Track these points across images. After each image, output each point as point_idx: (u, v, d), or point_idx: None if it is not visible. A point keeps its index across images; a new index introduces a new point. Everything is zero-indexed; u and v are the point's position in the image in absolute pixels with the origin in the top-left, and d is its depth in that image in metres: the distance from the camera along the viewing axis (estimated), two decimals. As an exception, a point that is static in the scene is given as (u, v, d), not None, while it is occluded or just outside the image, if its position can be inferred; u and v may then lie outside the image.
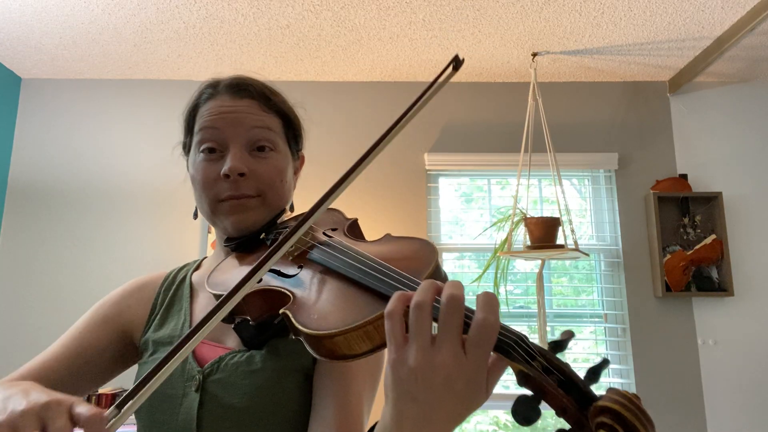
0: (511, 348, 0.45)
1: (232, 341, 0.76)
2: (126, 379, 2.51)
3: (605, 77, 2.93)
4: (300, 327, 0.54)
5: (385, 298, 0.52)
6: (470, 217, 2.95)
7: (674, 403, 2.60)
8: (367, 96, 2.97)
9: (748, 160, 2.85)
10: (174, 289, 0.88)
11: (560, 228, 2.42)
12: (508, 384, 2.70)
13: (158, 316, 0.85)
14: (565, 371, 0.43)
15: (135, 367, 0.84)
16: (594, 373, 0.43)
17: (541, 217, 2.46)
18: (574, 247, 2.35)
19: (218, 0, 2.26)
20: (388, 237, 0.68)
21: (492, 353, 0.46)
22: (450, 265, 2.87)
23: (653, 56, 2.70)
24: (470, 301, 0.47)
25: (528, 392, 0.44)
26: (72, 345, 0.81)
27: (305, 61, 2.77)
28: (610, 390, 0.41)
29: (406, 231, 2.77)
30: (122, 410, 0.49)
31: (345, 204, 0.78)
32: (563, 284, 2.98)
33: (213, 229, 3.18)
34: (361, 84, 2.98)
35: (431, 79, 0.63)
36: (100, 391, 2.40)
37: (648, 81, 2.95)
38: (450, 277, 0.55)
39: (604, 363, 0.44)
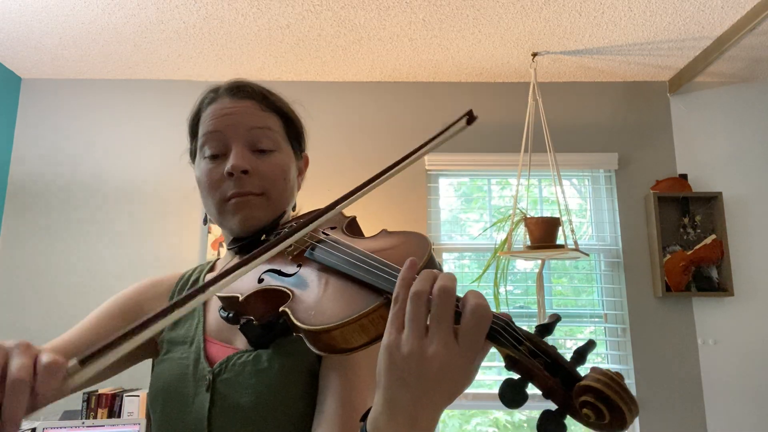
0: (499, 334, 0.45)
1: (241, 342, 0.77)
2: (126, 379, 2.51)
3: (605, 77, 2.93)
4: (298, 323, 0.55)
5: (380, 292, 0.53)
6: (470, 217, 2.95)
7: (674, 403, 2.60)
8: (367, 96, 2.96)
9: (748, 160, 2.85)
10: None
11: (560, 228, 2.41)
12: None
13: None
14: (551, 354, 0.44)
15: (135, 367, 0.84)
16: (580, 354, 0.44)
17: (541, 217, 2.46)
18: (574, 247, 2.35)
19: (218, 0, 2.26)
20: (384, 232, 0.69)
21: None
22: (450, 265, 2.87)
23: (653, 56, 2.70)
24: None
25: (515, 375, 0.45)
26: (87, 334, 0.81)
27: (305, 61, 2.77)
28: (594, 369, 0.41)
29: (406, 231, 2.77)
30: (85, 367, 0.47)
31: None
32: (563, 284, 2.98)
33: (213, 229, 3.12)
34: (361, 84, 2.98)
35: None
36: (101, 391, 2.40)
37: (648, 81, 2.95)
38: None
39: (590, 344, 0.44)
